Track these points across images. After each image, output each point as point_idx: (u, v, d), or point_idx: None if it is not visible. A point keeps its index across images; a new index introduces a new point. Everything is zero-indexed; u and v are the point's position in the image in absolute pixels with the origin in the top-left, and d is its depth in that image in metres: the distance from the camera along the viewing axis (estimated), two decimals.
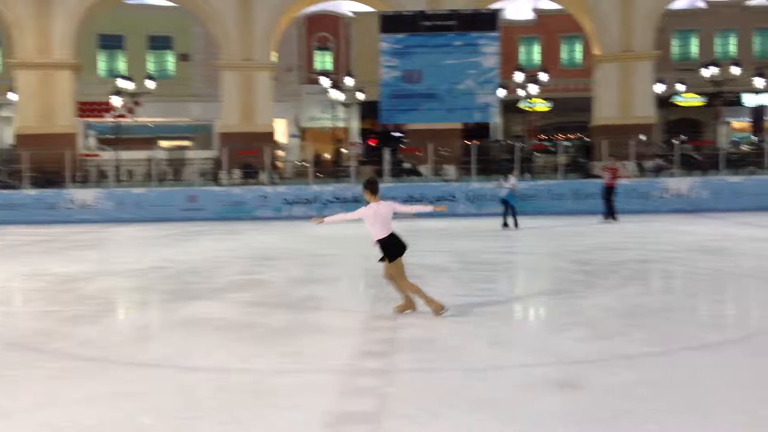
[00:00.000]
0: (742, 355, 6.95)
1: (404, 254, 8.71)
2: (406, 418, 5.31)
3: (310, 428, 5.13)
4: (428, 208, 9.05)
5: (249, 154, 30.73)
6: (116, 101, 35.01)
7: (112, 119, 36.98)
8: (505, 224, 19.63)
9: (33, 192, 26.43)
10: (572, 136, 44.16)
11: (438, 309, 8.56)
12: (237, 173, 30.58)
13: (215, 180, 30.20)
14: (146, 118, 40.65)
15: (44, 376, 6.56)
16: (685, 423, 5.12)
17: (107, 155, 34.53)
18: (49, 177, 28.55)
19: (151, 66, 43.27)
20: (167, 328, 8.87)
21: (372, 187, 8.73)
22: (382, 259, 8.76)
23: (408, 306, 8.81)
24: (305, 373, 6.58)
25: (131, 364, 6.98)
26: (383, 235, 8.59)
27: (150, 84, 36.17)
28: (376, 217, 8.53)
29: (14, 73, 32.85)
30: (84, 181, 29.51)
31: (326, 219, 9.29)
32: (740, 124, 46.80)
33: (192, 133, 43.74)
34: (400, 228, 9.29)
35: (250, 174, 30.69)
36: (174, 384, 6.31)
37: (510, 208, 19.65)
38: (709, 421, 5.15)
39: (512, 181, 20.09)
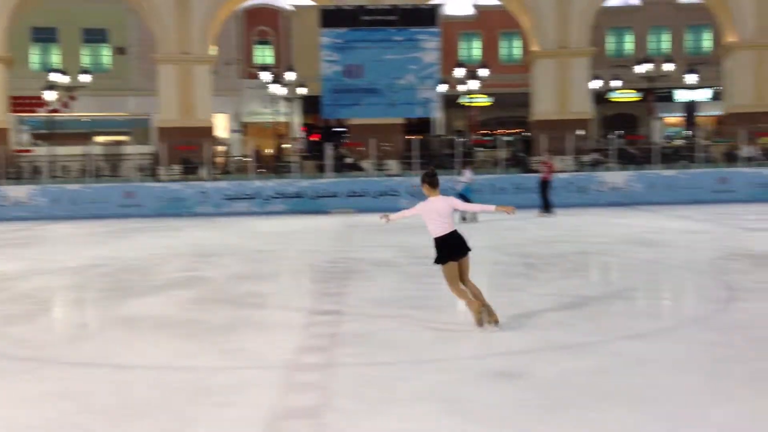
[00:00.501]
0: (675, 343, 7.14)
1: (461, 257, 7.84)
2: (348, 412, 5.32)
3: (251, 424, 5.09)
4: (490, 208, 8.23)
5: (188, 150, 30.29)
6: (50, 95, 34.09)
7: (45, 114, 36.01)
8: (464, 218, 19.89)
9: None
10: (512, 131, 44.73)
11: (480, 319, 7.67)
12: (176, 169, 30.11)
13: (153, 176, 29.68)
14: (81, 112, 39.70)
15: None
16: (623, 410, 5.24)
17: (41, 151, 33.63)
18: None
19: (86, 59, 42.25)
20: (104, 326, 8.69)
21: (430, 180, 7.99)
22: (435, 261, 7.93)
23: (475, 312, 7.75)
24: (247, 369, 6.53)
25: (67, 364, 6.84)
26: (439, 233, 7.89)
27: (85, 78, 35.29)
28: (430, 213, 7.88)
29: None
30: (17, 178, 28.72)
31: (391, 216, 8.73)
32: (673, 119, 48.04)
33: (129, 127, 42.88)
34: (344, 222, 9.25)
35: (189, 169, 30.25)
36: (111, 383, 6.21)
37: (466, 201, 20.12)
38: (646, 407, 5.28)
39: (468, 175, 20.48)
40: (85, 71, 35.90)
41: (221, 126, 41.08)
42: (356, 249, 15.35)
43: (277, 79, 37.07)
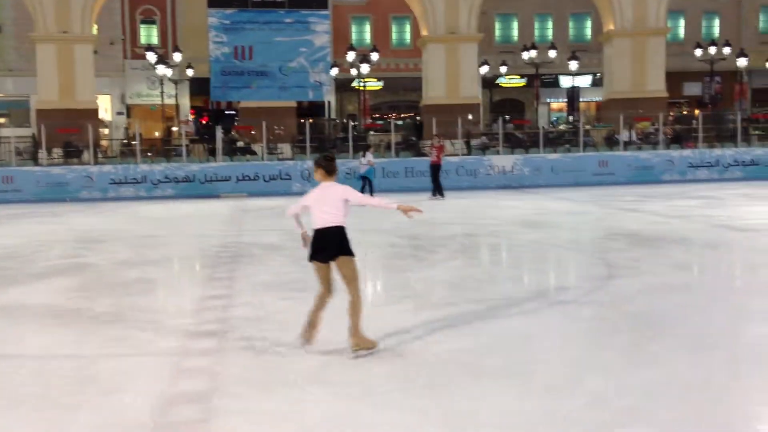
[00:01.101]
0: (557, 319, 7.45)
1: (322, 262, 6.47)
2: (237, 395, 5.30)
3: (138, 411, 5.00)
4: (392, 206, 7.07)
5: (70, 132, 29.07)
6: None
7: None
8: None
9: None
10: (404, 115, 45.19)
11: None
12: (58, 152, 28.87)
13: (34, 160, 28.37)
14: None
15: None
16: (502, 384, 5.45)
17: None
18: None
19: None
20: None
21: (327, 165, 6.51)
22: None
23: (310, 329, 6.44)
24: (134, 356, 6.40)
25: None
26: (318, 225, 6.41)
27: None
28: (316, 202, 6.45)
29: None
30: None
31: (288, 212, 6.80)
32: (558, 104, 49.73)
33: (6, 109, 40.77)
34: (235, 206, 9.14)
35: (72, 153, 29.07)
36: None
37: (369, 183, 20.63)
38: (525, 381, 5.50)
39: (369, 157, 20.82)
40: None
41: (105, 108, 39.65)
42: (246, 233, 15.20)
43: (164, 60, 36.07)
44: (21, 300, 8.83)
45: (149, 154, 30.10)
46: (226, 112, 42.11)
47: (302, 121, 34.33)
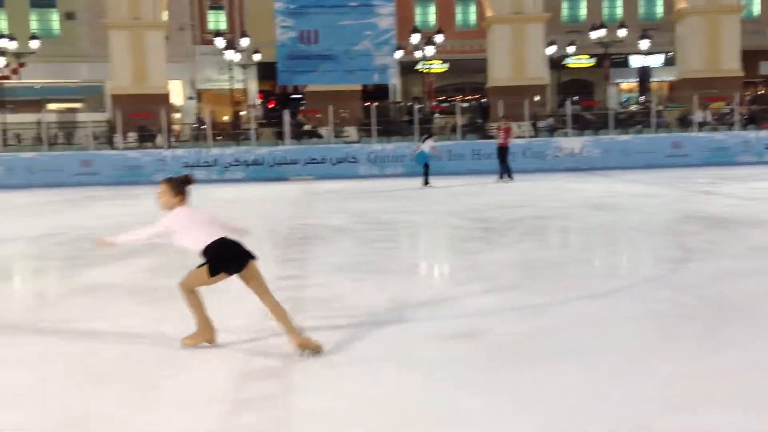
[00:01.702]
0: (628, 303, 7.38)
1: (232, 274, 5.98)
2: (312, 372, 5.43)
3: (218, 388, 5.18)
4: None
5: (143, 117, 29.85)
6: None
7: None
8: (426, 182, 20.45)
9: None
10: (469, 97, 44.90)
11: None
12: (132, 137, 29.68)
13: (110, 144, 29.22)
14: (32, 79, 38.78)
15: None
16: (570, 366, 5.44)
17: None
18: None
19: (34, 25, 41.18)
20: (66, 294, 8.67)
21: (181, 186, 6.10)
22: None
23: (203, 335, 6.08)
24: None
25: (29, 331, 6.82)
26: (212, 238, 5.96)
27: (34, 44, 34.46)
28: (193, 223, 6.00)
29: None
30: None
31: (118, 240, 6.30)
32: (628, 84, 48.67)
33: (82, 94, 42.05)
34: (302, 189, 9.30)
35: (146, 137, 29.85)
36: (76, 350, 6.22)
37: (426, 166, 20.69)
38: (593, 364, 5.49)
39: (430, 143, 20.68)
40: (34, 37, 35.04)
41: (176, 93, 40.50)
42: (315, 215, 15.41)
43: (232, 45, 36.61)
44: (102, 280, 9.17)
45: (219, 138, 30.69)
46: (293, 96, 42.54)
47: (367, 104, 34.47)
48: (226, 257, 5.92)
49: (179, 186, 6.05)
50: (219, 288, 8.51)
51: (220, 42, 36.63)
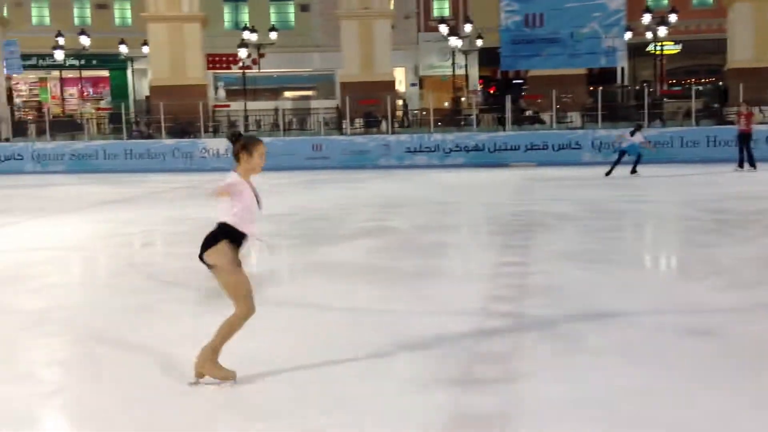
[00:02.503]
0: None
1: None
2: (536, 359, 5.41)
3: (447, 367, 5.29)
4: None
5: (370, 104, 31.02)
6: (242, 53, 35.97)
7: (238, 70, 38.05)
8: (634, 171, 19.43)
9: (170, 142, 27.73)
10: (704, 81, 42.10)
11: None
12: (359, 122, 30.97)
13: (338, 129, 30.71)
14: (270, 69, 41.60)
15: (191, 312, 6.99)
16: None
17: (236, 106, 35.63)
18: (183, 127, 29.85)
19: (273, 17, 44.06)
20: (302, 270, 9.23)
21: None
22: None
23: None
24: (438, 315, 6.76)
25: (271, 304, 7.34)
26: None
27: (273, 35, 36.90)
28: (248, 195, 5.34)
29: (147, 27, 34.23)
30: (215, 131, 30.62)
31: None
32: None
33: (314, 83, 44.48)
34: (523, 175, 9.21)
35: (371, 123, 31.01)
36: (312, 322, 6.64)
37: (637, 156, 19.66)
38: None
39: (639, 137, 19.52)
40: (272, 29, 37.51)
41: (399, 80, 41.63)
42: (537, 202, 15.23)
43: (455, 32, 36.95)
44: (332, 258, 9.69)
45: (439, 123, 31.17)
46: (514, 82, 42.18)
47: (592, 88, 33.38)
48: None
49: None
50: (442, 272, 8.74)
51: (443, 28, 37.11)
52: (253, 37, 36.39)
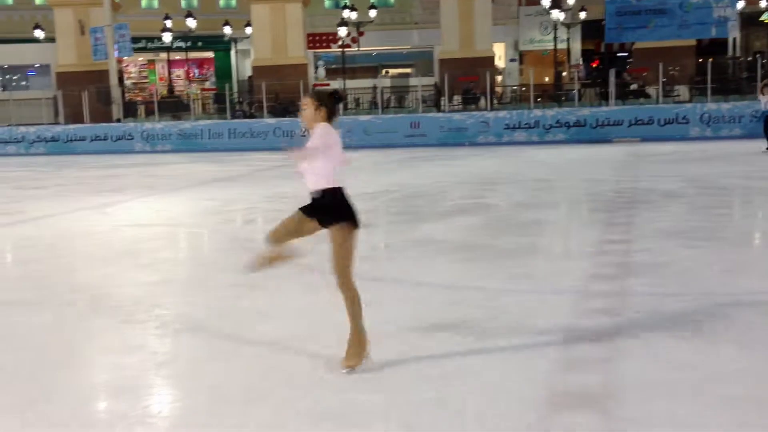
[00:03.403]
0: None
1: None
2: (639, 339, 5.29)
3: (545, 346, 5.25)
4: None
5: (469, 80, 30.75)
6: (342, 32, 36.25)
7: (338, 49, 38.39)
8: None
9: (271, 121, 28.32)
10: None
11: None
12: (457, 99, 30.75)
13: (436, 106, 30.60)
14: (368, 47, 41.75)
15: (297, 289, 7.16)
16: None
17: (335, 84, 36.00)
18: (284, 106, 30.41)
19: None
20: (401, 247, 9.28)
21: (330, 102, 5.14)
22: (324, 220, 5.27)
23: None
24: (536, 293, 6.70)
25: (368, 279, 7.44)
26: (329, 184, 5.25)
27: (372, 13, 36.99)
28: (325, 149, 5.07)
29: (250, 8, 34.92)
30: None
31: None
32: None
33: (413, 60, 44.36)
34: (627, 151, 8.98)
35: (469, 100, 30.76)
36: (409, 297, 6.69)
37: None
38: None
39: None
40: (372, 6, 37.58)
41: (498, 56, 41.03)
42: (641, 179, 14.80)
43: (557, 4, 36.07)
44: (431, 235, 9.71)
45: (539, 99, 30.62)
46: (618, 55, 40.90)
47: (701, 60, 32.03)
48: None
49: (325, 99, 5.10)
50: (542, 250, 8.63)
51: (545, 1, 36.30)
52: (352, 16, 36.58)
